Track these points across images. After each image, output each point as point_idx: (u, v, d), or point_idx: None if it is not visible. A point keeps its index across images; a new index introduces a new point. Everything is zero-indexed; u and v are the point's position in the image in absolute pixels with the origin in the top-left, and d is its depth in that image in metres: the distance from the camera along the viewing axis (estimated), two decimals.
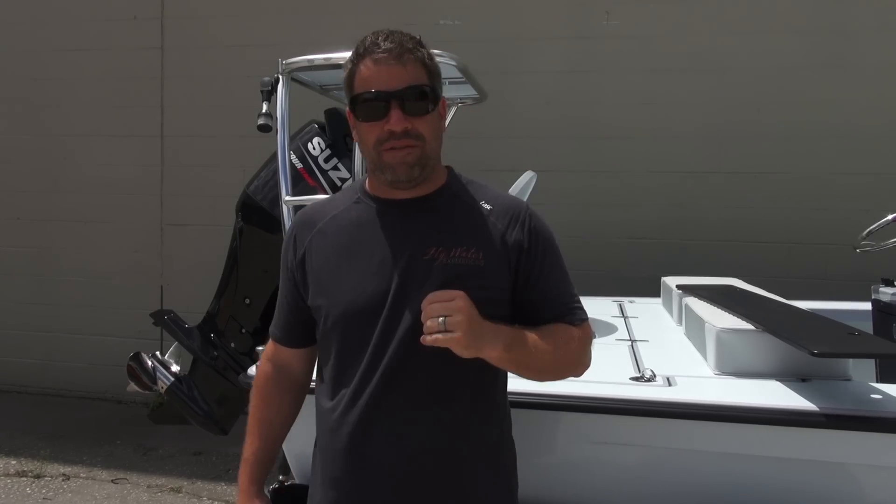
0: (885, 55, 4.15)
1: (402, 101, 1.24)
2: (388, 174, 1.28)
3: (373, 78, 1.24)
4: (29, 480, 3.90)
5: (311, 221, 1.39)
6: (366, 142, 1.28)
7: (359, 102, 1.27)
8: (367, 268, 1.29)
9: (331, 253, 1.34)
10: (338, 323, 1.31)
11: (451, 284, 1.21)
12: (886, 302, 2.74)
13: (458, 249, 1.27)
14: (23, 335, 5.47)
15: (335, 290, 1.31)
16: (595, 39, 4.50)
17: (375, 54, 1.24)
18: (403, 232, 1.30)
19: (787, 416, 1.66)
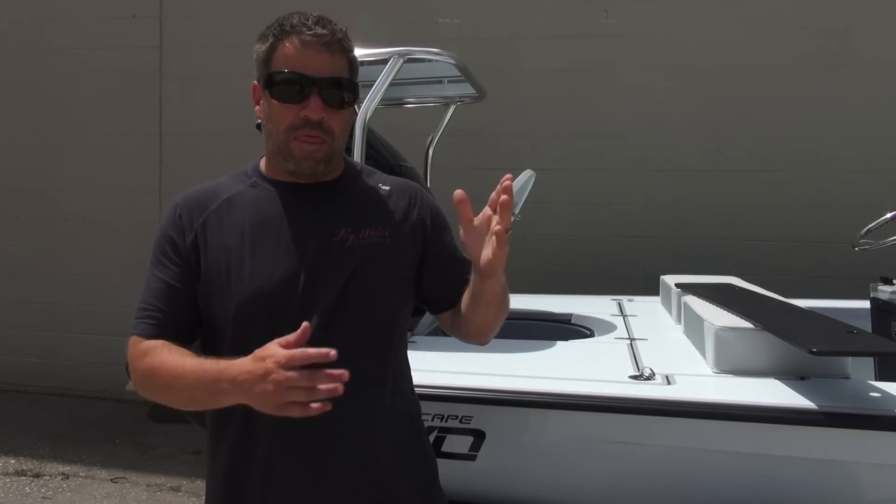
0: (883, 54, 4.15)
1: (323, 90, 1.20)
2: (291, 164, 1.24)
3: (298, 59, 1.20)
4: (28, 479, 3.90)
5: (200, 203, 1.29)
6: (276, 123, 1.23)
7: (277, 81, 1.21)
8: (273, 253, 1.23)
9: (229, 236, 1.24)
10: (244, 310, 1.21)
11: (364, 264, 1.23)
12: (885, 300, 2.74)
13: (367, 230, 1.27)
14: (22, 334, 5.47)
15: (239, 276, 1.22)
16: (594, 38, 4.50)
17: (304, 35, 1.20)
18: (310, 216, 1.26)
19: (785, 414, 1.66)
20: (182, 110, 5.16)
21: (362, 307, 1.24)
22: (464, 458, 1.83)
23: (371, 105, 2.37)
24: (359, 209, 1.30)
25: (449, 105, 3.45)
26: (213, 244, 1.25)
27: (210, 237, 1.25)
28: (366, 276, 1.24)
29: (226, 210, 1.27)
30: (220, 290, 1.23)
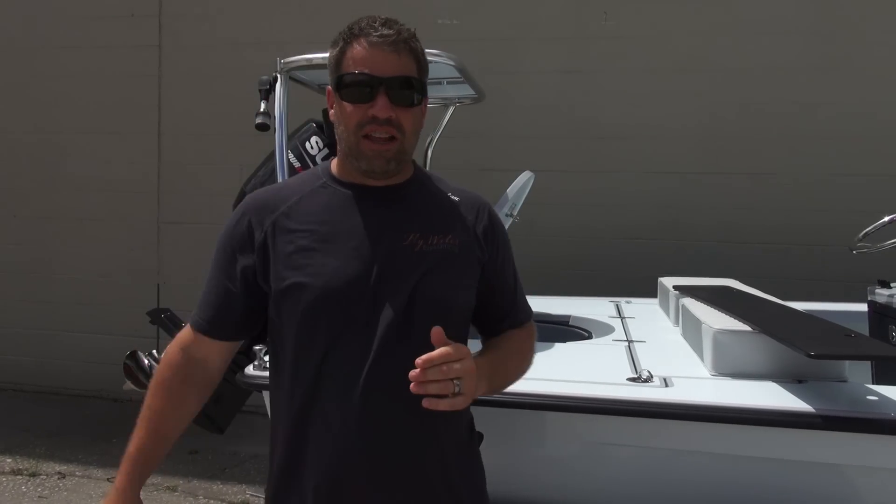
0: (881, 57, 4.16)
1: (390, 89, 1.22)
2: (363, 163, 1.26)
3: (365, 60, 1.23)
4: (24, 479, 3.89)
5: (269, 205, 1.31)
6: (346, 123, 1.25)
7: (346, 82, 1.24)
8: (344, 252, 1.24)
9: (301, 236, 1.26)
10: (312, 309, 1.23)
11: (432, 270, 1.25)
12: (882, 303, 2.74)
13: (435, 237, 1.28)
14: (19, 333, 5.46)
15: (309, 275, 1.23)
16: (593, 40, 4.50)
17: (371, 37, 1.23)
18: (379, 218, 1.28)
19: (783, 417, 1.66)
20: (181, 110, 5.15)
21: (429, 312, 1.23)
22: None
23: None
24: (427, 215, 1.31)
25: (448, 106, 3.45)
26: (284, 244, 1.26)
27: (280, 237, 1.27)
28: (433, 282, 1.25)
29: (296, 211, 1.29)
30: (292, 290, 1.24)
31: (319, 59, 2.58)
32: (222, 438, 3.52)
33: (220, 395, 3.26)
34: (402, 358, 1.19)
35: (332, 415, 1.22)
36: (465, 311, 1.33)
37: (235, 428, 3.43)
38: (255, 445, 4.07)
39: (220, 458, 4.09)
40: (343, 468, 1.22)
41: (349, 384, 1.22)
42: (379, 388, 1.22)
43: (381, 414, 1.22)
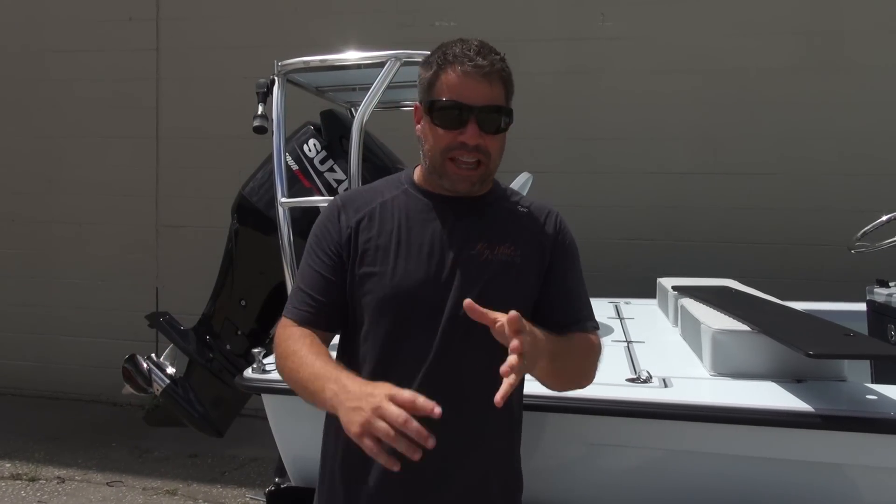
0: (878, 56, 4.17)
1: (480, 118, 1.30)
2: (447, 182, 1.35)
3: (458, 88, 1.30)
4: (24, 483, 3.88)
5: (357, 205, 1.41)
6: (435, 145, 1.33)
7: (438, 108, 1.32)
8: (416, 257, 1.34)
9: (380, 237, 1.36)
10: (383, 305, 1.33)
11: (495, 279, 1.34)
12: (881, 303, 2.75)
13: (502, 247, 1.37)
14: (18, 337, 5.46)
15: (384, 274, 1.33)
16: (590, 41, 4.51)
17: (466, 66, 1.29)
18: (453, 227, 1.37)
19: (782, 417, 1.66)
20: (179, 113, 5.15)
21: None
22: None
23: (368, 108, 2.37)
24: (496, 226, 1.40)
25: None
26: (366, 242, 1.36)
27: (363, 235, 1.36)
28: (495, 291, 1.33)
29: (379, 213, 1.39)
30: (366, 284, 1.34)
31: (317, 62, 2.58)
32: (222, 442, 3.52)
33: (219, 398, 3.28)
34: (458, 361, 1.31)
35: None
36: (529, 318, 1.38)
37: (235, 431, 3.44)
38: (254, 449, 4.07)
39: (220, 461, 4.09)
40: None
41: (407, 383, 1.23)
42: (435, 388, 1.23)
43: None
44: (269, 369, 2.00)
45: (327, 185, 2.86)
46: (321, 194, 2.83)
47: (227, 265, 3.22)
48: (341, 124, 2.91)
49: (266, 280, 3.04)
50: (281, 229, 2.52)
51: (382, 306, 1.33)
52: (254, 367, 2.02)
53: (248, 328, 3.17)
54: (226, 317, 3.20)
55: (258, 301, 3.13)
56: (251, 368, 2.03)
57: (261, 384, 1.98)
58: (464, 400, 1.29)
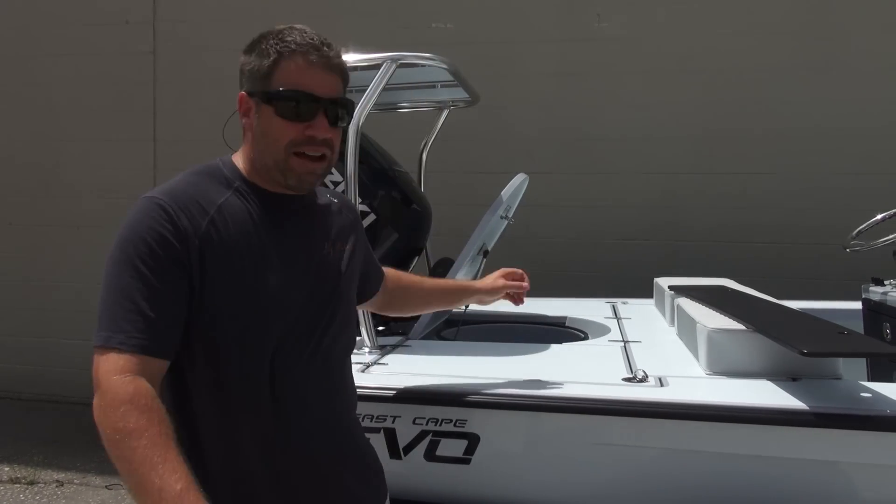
0: (871, 56, 4.19)
1: (329, 110, 1.23)
2: (292, 179, 1.24)
3: (304, 78, 1.21)
4: (22, 487, 3.88)
5: (196, 209, 1.18)
6: (277, 139, 1.22)
7: (283, 98, 1.21)
8: (279, 263, 1.23)
9: (235, 247, 1.19)
10: (259, 320, 1.19)
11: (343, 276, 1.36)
12: (876, 301, 2.76)
13: (339, 243, 1.38)
14: (16, 341, 5.45)
15: (252, 287, 1.19)
16: (586, 42, 4.52)
17: (311, 55, 1.22)
18: (299, 230, 1.31)
19: (777, 415, 1.67)
20: (176, 116, 5.16)
21: (346, 312, 1.37)
22: (458, 462, 1.84)
23: (364, 110, 2.38)
24: (330, 223, 1.39)
25: (442, 109, 3.46)
26: (220, 256, 1.17)
27: (218, 247, 1.17)
28: (345, 286, 1.36)
29: (222, 219, 1.20)
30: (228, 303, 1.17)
31: None
32: None
33: None
34: (334, 356, 1.33)
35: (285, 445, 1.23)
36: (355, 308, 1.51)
37: None
38: None
39: None
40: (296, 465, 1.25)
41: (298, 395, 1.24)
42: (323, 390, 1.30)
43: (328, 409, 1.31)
44: None
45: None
46: None
47: None
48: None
49: None
50: None
51: (255, 325, 1.18)
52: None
53: None
54: None
55: None
56: None
57: None
58: (337, 393, 1.35)
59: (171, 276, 1.12)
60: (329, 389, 1.32)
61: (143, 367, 1.07)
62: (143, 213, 1.16)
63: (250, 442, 1.20)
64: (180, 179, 1.25)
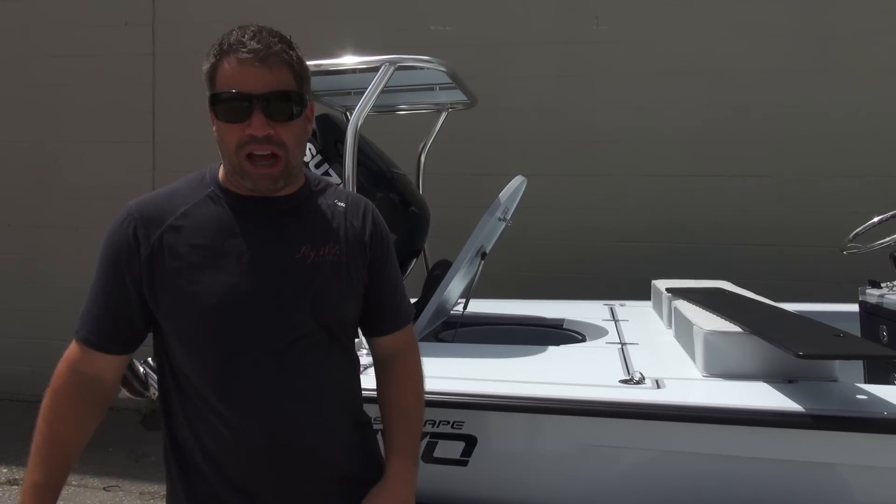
0: (868, 59, 4.20)
1: (265, 105, 1.19)
2: (249, 182, 1.23)
3: (235, 77, 1.19)
4: (20, 489, 3.88)
5: (156, 217, 1.25)
6: (227, 143, 1.21)
7: (219, 101, 1.20)
8: (237, 267, 1.22)
9: (190, 252, 1.22)
10: (208, 324, 1.21)
11: (325, 282, 1.27)
12: (873, 303, 2.77)
13: (325, 248, 1.29)
14: (14, 342, 5.45)
15: (203, 291, 1.21)
16: (584, 44, 4.53)
17: (240, 53, 1.19)
18: (272, 231, 1.27)
19: (773, 417, 1.68)
20: (175, 118, 5.16)
21: (325, 324, 1.27)
22: (455, 463, 1.84)
23: (363, 112, 2.39)
24: (317, 226, 1.31)
25: (441, 112, 3.47)
26: (173, 260, 1.22)
27: (169, 253, 1.22)
28: (326, 294, 1.27)
29: (184, 224, 1.24)
30: (179, 304, 1.22)
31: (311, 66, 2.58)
32: None
33: None
34: (301, 370, 1.25)
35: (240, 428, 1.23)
36: (355, 319, 1.37)
37: None
38: None
39: None
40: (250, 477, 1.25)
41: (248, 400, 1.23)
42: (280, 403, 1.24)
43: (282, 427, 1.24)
44: None
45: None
46: None
47: None
48: (336, 128, 2.92)
49: None
50: None
51: (206, 329, 1.21)
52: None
53: None
54: None
55: None
56: None
57: None
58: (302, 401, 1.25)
59: (120, 280, 1.24)
60: (288, 394, 1.24)
61: (87, 357, 1.26)
62: (114, 221, 1.29)
63: (196, 435, 1.25)
64: (167, 186, 1.32)
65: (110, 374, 1.29)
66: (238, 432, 1.23)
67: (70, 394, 1.25)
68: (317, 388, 1.28)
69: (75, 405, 1.25)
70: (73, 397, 1.25)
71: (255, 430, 1.23)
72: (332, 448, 1.29)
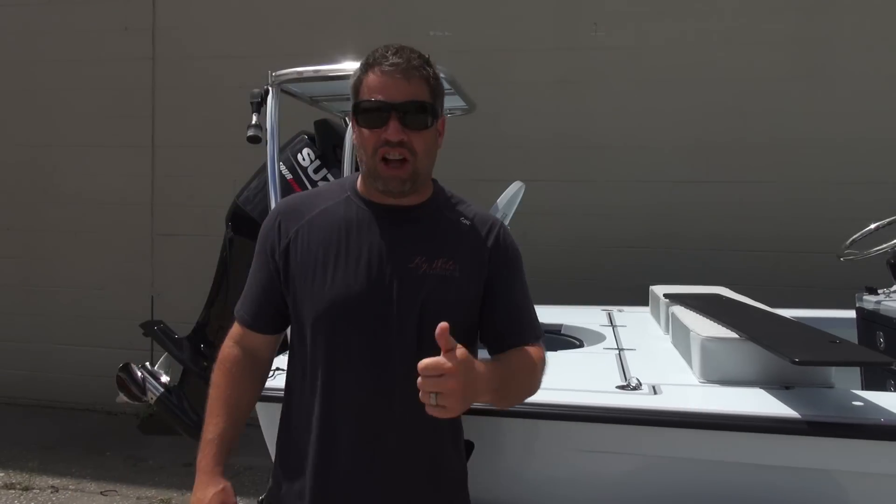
0: (867, 68, 4.22)
1: (401, 114, 1.31)
2: (380, 184, 1.36)
3: (378, 88, 1.32)
4: (17, 493, 3.87)
5: (298, 211, 1.43)
6: (365, 147, 1.35)
7: (361, 109, 1.34)
8: (354, 268, 1.35)
9: (318, 247, 1.38)
10: (322, 317, 1.35)
11: (432, 294, 1.34)
12: (870, 310, 2.77)
13: (439, 261, 1.36)
14: (12, 346, 5.45)
15: (321, 285, 1.35)
16: (583, 51, 4.55)
17: (383, 66, 1.32)
18: (391, 238, 1.37)
19: (770, 423, 1.68)
20: (175, 122, 5.17)
21: (429, 332, 1.26)
22: None
23: None
24: (436, 238, 1.40)
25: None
26: (303, 253, 1.38)
27: (300, 246, 1.39)
28: (433, 305, 1.34)
29: (318, 222, 1.40)
30: (302, 295, 1.37)
31: (311, 72, 2.61)
32: None
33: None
34: (395, 378, 1.33)
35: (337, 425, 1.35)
36: (466, 333, 1.37)
37: None
38: (248, 457, 4.04)
39: None
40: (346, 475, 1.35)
41: (351, 397, 1.34)
42: (379, 406, 1.34)
43: (379, 429, 1.34)
44: None
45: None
46: None
47: (222, 273, 3.23)
48: (335, 133, 2.93)
49: None
50: None
51: (321, 319, 1.35)
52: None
53: None
54: (220, 325, 3.21)
55: None
56: None
57: None
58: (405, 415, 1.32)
59: (267, 269, 1.43)
60: (383, 392, 1.33)
61: (243, 336, 1.48)
62: (268, 214, 1.49)
63: (299, 415, 1.41)
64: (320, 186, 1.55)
65: (264, 351, 1.50)
66: (337, 431, 1.34)
67: (233, 362, 1.46)
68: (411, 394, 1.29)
69: (238, 372, 1.45)
70: (235, 364, 1.46)
71: (353, 432, 1.34)
72: (425, 451, 1.39)
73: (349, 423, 1.34)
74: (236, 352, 1.47)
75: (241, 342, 1.48)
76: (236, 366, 1.46)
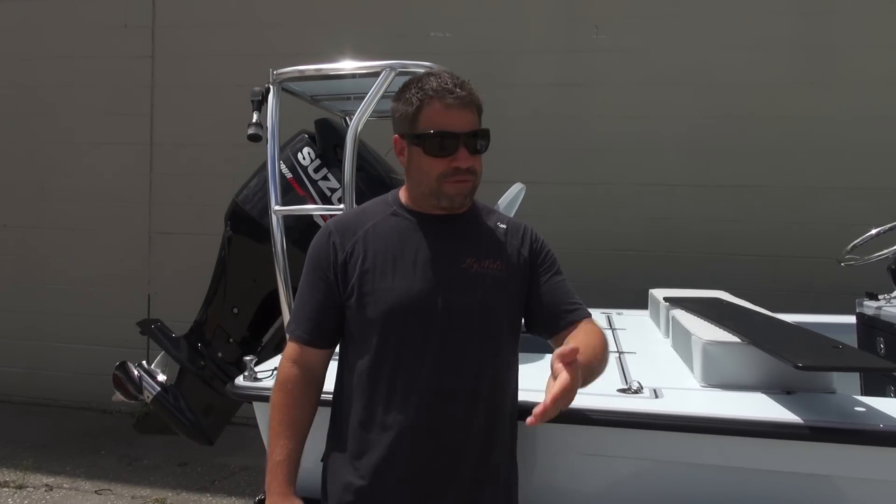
0: (867, 71, 4.22)
1: (467, 143, 1.46)
2: (445, 201, 1.49)
3: (445, 120, 1.44)
4: (11, 491, 3.85)
5: (350, 229, 1.54)
6: (428, 172, 1.47)
7: (429, 139, 1.45)
8: (412, 272, 1.48)
9: (376, 257, 1.49)
10: (387, 320, 1.45)
11: (486, 289, 1.49)
12: (871, 315, 2.77)
13: (487, 261, 1.52)
14: (7, 343, 5.42)
15: (384, 289, 1.47)
16: (584, 53, 4.55)
17: (447, 99, 1.44)
18: (442, 243, 1.51)
19: (771, 428, 1.67)
20: (173, 120, 5.16)
21: (486, 326, 1.49)
22: None
23: (362, 117, 2.38)
24: (481, 242, 1.55)
25: None
26: (362, 264, 1.49)
27: (359, 258, 1.50)
28: (488, 299, 1.49)
29: (371, 235, 1.52)
30: (366, 303, 1.47)
31: (312, 71, 2.60)
32: (211, 450, 3.50)
33: (210, 406, 3.26)
34: (461, 365, 1.46)
35: (394, 421, 1.45)
36: (515, 326, 1.56)
37: (225, 440, 3.42)
38: (244, 457, 4.05)
39: (210, 470, 4.07)
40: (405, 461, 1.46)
41: (412, 391, 1.44)
42: (440, 395, 1.45)
43: (438, 421, 1.45)
44: (261, 377, 2.00)
45: (321, 193, 2.86)
46: (315, 202, 2.84)
47: (220, 272, 3.22)
48: (336, 133, 2.92)
49: (258, 288, 3.04)
50: (274, 237, 2.53)
51: (387, 322, 1.45)
52: (245, 375, 2.02)
53: (240, 336, 3.16)
54: (218, 324, 3.20)
55: (250, 309, 3.12)
56: (242, 376, 2.03)
57: (251, 392, 1.98)
58: (471, 399, 1.47)
59: (322, 286, 1.53)
60: (439, 391, 1.44)
61: (301, 354, 1.54)
62: (317, 235, 1.58)
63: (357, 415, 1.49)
64: (361, 205, 1.64)
65: (321, 367, 1.57)
66: (397, 431, 1.44)
67: (296, 383, 1.53)
68: (479, 388, 1.48)
69: (301, 392, 1.53)
70: (296, 385, 1.53)
71: (411, 429, 1.44)
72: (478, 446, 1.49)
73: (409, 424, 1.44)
74: (296, 371, 1.54)
75: (298, 361, 1.54)
76: (298, 386, 1.53)
